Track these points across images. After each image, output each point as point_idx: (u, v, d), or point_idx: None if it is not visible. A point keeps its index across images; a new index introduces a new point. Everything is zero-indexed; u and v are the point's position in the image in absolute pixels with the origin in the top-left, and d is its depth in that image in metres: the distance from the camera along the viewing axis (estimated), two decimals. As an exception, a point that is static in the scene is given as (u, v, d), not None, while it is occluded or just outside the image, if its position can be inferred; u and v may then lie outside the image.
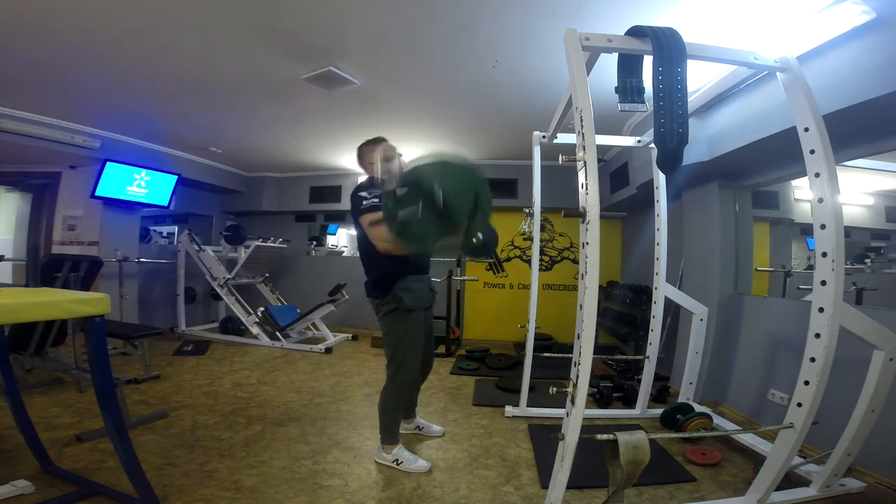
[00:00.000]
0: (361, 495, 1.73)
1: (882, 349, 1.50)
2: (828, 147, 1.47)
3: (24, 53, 2.49)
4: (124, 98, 3.19)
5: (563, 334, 4.72)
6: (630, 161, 3.77)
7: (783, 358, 2.42)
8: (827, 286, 1.43)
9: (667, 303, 2.63)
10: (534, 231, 2.62)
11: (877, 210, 2.68)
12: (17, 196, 4.76)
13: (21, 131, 3.43)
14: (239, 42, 2.36)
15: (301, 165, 5.37)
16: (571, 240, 5.15)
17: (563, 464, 1.37)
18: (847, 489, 1.74)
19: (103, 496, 1.61)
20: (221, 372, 3.44)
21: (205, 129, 3.99)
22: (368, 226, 1.82)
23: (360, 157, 2.15)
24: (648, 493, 1.79)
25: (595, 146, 1.38)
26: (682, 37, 1.43)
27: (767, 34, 2.01)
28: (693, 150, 2.58)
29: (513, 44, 2.32)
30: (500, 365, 3.83)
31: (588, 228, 1.32)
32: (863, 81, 1.67)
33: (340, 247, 7.54)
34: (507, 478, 1.91)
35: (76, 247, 4.14)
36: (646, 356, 2.63)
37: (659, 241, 2.57)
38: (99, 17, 2.13)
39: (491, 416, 2.63)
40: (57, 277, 2.50)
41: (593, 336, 1.33)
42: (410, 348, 1.95)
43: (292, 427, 2.38)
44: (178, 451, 2.03)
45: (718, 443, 2.25)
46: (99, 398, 1.43)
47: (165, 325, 4.75)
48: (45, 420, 2.27)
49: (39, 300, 1.32)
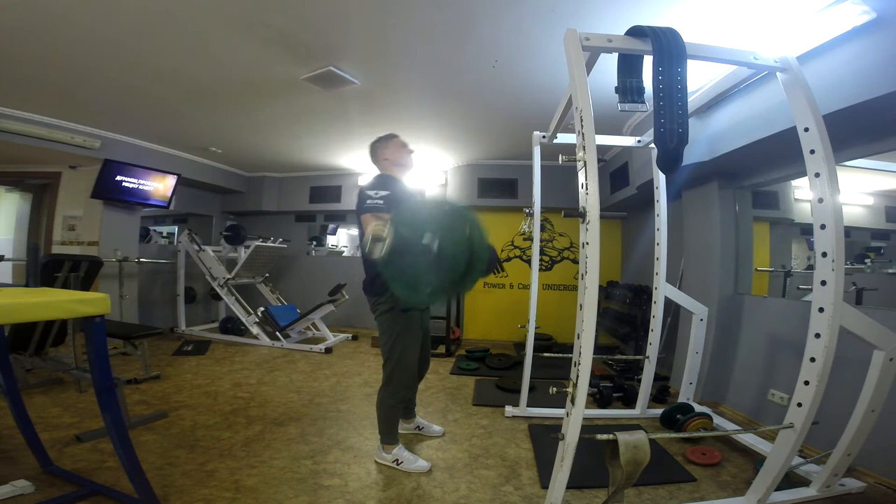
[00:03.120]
0: (361, 495, 1.73)
1: (882, 349, 1.50)
2: (828, 147, 1.47)
3: (24, 54, 2.49)
4: (124, 98, 3.19)
5: (563, 334, 4.72)
6: (630, 161, 3.77)
7: (783, 358, 2.42)
8: (827, 286, 1.43)
9: (667, 303, 2.63)
10: (534, 231, 2.62)
11: (877, 210, 2.68)
12: (17, 196, 4.76)
13: (21, 131, 3.43)
14: (239, 42, 2.36)
15: (301, 165, 5.37)
16: (571, 240, 5.15)
17: (563, 464, 1.37)
18: (847, 489, 1.74)
19: (103, 496, 1.61)
20: (221, 372, 3.44)
21: (205, 129, 3.99)
22: (367, 223, 1.79)
23: (372, 152, 2.13)
24: (648, 493, 1.79)
25: (595, 146, 1.38)
26: (681, 37, 1.43)
27: (767, 34, 2.01)
28: (693, 150, 2.58)
29: (513, 44, 2.32)
30: (500, 365, 3.83)
31: (588, 228, 1.32)
32: (863, 81, 1.67)
33: (340, 247, 7.55)
34: (507, 478, 1.91)
35: (76, 247, 4.14)
36: (646, 356, 2.63)
37: (659, 241, 2.57)
38: (99, 18, 2.13)
39: (491, 416, 2.63)
40: (57, 277, 2.50)
41: (593, 336, 1.33)
42: (407, 348, 1.95)
43: (292, 427, 2.38)
44: (178, 451, 2.03)
45: (718, 443, 2.25)
46: (99, 398, 1.43)
47: (165, 325, 4.76)
48: (45, 420, 2.27)
49: (39, 300, 1.32)
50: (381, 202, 1.79)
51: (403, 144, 2.12)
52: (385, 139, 2.11)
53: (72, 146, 3.74)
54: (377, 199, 1.80)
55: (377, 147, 2.11)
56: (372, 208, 1.79)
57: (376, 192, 1.82)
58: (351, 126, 3.79)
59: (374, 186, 1.86)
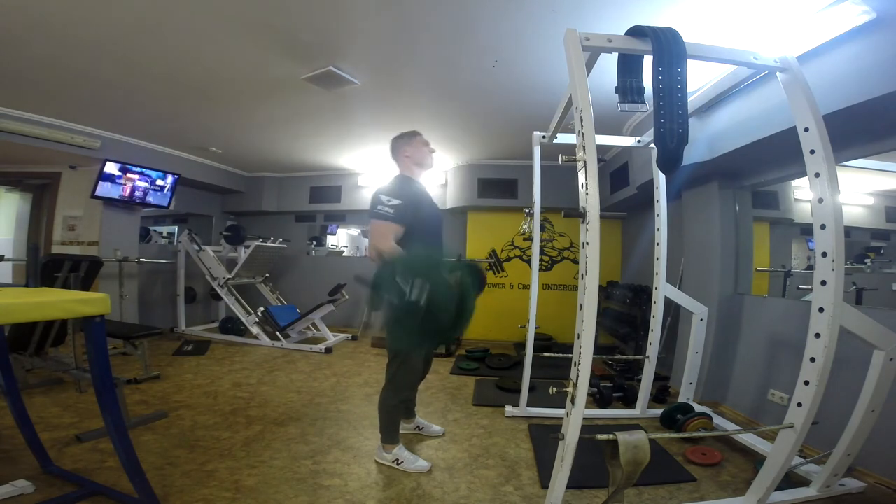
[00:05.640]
0: (361, 495, 1.73)
1: (882, 349, 1.50)
2: (828, 147, 1.47)
3: (24, 53, 2.49)
4: (124, 98, 3.19)
5: (563, 334, 4.72)
6: (630, 161, 3.77)
7: (783, 358, 2.42)
8: (827, 286, 1.43)
9: (667, 303, 2.63)
10: (534, 231, 2.62)
11: (877, 210, 2.68)
12: (17, 196, 4.75)
13: (21, 131, 3.43)
14: (239, 42, 2.36)
15: (301, 165, 5.37)
16: (571, 240, 5.14)
17: (563, 464, 1.37)
18: (847, 489, 1.74)
19: (103, 496, 1.61)
20: (221, 372, 3.43)
21: (205, 129, 3.99)
22: (375, 231, 1.80)
23: (393, 149, 2.11)
24: (648, 493, 1.79)
25: (595, 146, 1.38)
26: (682, 37, 1.43)
27: (767, 34, 2.01)
28: (693, 150, 2.58)
29: (513, 44, 2.32)
30: (500, 365, 3.83)
31: (588, 228, 1.32)
32: (863, 81, 1.67)
33: (340, 247, 7.55)
34: (507, 478, 1.91)
35: (76, 247, 4.13)
36: (646, 356, 2.63)
37: (659, 241, 2.57)
38: (99, 17, 2.13)
39: (491, 416, 2.63)
40: (57, 277, 2.50)
41: (593, 336, 1.33)
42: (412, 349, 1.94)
43: (292, 427, 2.38)
44: (178, 451, 2.03)
45: (718, 443, 2.25)
46: (99, 398, 1.43)
47: (165, 325, 4.75)
48: (45, 420, 2.27)
49: (39, 300, 1.32)
50: (391, 211, 1.78)
51: (426, 143, 2.10)
52: (408, 136, 2.08)
53: (72, 146, 3.74)
54: (387, 207, 1.78)
55: (399, 143, 2.08)
56: (381, 215, 1.78)
57: (389, 198, 1.80)
58: (351, 126, 3.79)
59: (389, 192, 1.84)
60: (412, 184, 2.00)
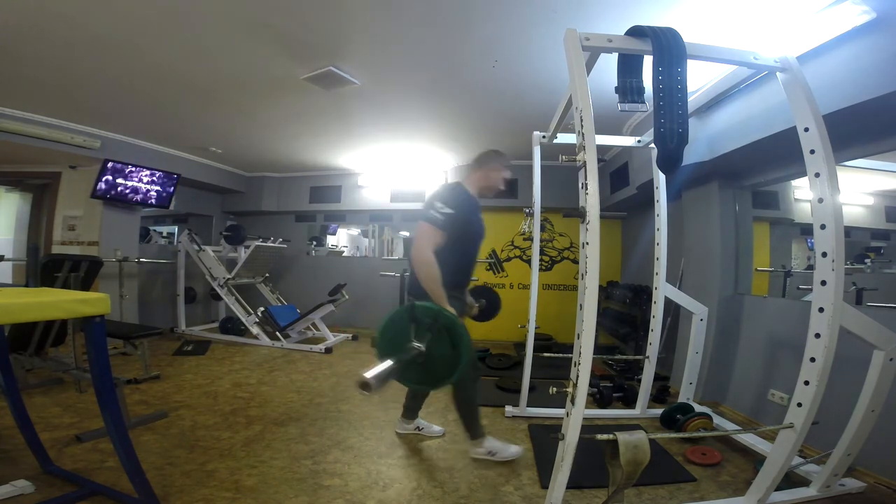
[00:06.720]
0: (361, 495, 1.73)
1: (882, 349, 1.50)
2: (828, 147, 1.47)
3: (24, 54, 2.49)
4: (124, 98, 3.19)
5: (563, 334, 4.72)
6: (630, 161, 3.77)
7: (783, 358, 2.42)
8: (827, 286, 1.43)
9: (667, 303, 2.63)
10: (534, 231, 2.62)
11: (877, 210, 2.68)
12: (17, 196, 4.76)
13: (21, 131, 3.43)
14: (239, 42, 2.36)
15: (301, 165, 5.37)
16: (571, 240, 5.15)
17: (563, 464, 1.37)
18: (847, 489, 1.74)
19: (103, 496, 1.61)
20: (221, 372, 3.43)
21: (205, 129, 3.99)
22: (421, 233, 1.80)
23: (478, 161, 2.10)
24: (648, 493, 1.79)
25: (595, 146, 1.38)
26: (682, 37, 1.43)
27: (767, 34, 2.01)
28: (693, 150, 2.59)
29: (513, 44, 2.32)
30: (500, 365, 3.83)
31: (588, 228, 1.32)
32: (863, 81, 1.67)
33: (340, 247, 7.55)
34: (507, 478, 1.91)
35: (76, 247, 4.14)
36: (646, 356, 2.63)
37: (659, 241, 2.57)
38: (99, 18, 2.13)
39: (491, 416, 2.63)
40: (57, 277, 2.50)
41: (593, 336, 1.33)
42: None
43: (292, 427, 2.38)
44: (178, 451, 2.03)
45: (718, 443, 2.25)
46: (99, 398, 1.43)
47: (165, 325, 4.75)
48: (45, 420, 2.27)
49: (39, 300, 1.32)
50: (441, 218, 1.78)
51: (506, 169, 2.09)
52: (496, 158, 2.08)
53: (72, 146, 3.74)
54: (438, 214, 1.79)
55: (485, 161, 2.07)
56: (431, 219, 1.79)
57: (443, 206, 1.81)
58: (351, 126, 3.79)
59: (445, 199, 1.84)
60: (469, 198, 1.98)
